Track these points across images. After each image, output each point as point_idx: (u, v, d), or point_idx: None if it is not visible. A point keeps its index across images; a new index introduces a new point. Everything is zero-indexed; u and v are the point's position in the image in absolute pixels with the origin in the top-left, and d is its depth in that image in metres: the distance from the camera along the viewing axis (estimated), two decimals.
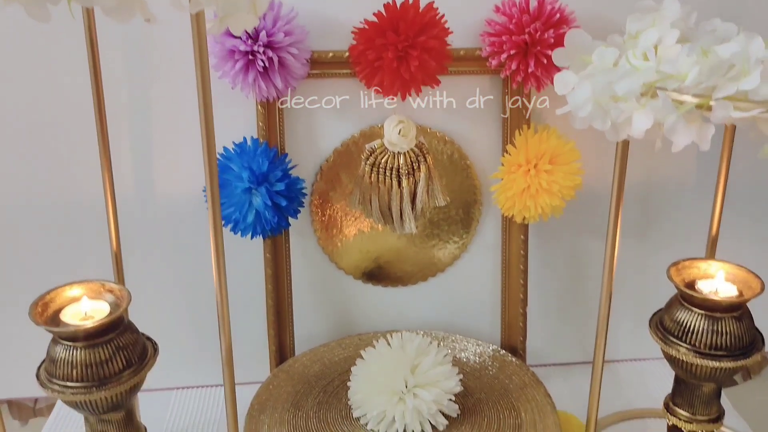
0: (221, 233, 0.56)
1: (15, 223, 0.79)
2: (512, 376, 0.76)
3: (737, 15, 0.77)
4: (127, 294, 0.62)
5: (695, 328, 0.62)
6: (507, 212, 0.78)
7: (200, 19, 0.48)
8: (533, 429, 0.68)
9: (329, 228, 0.82)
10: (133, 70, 0.75)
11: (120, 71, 0.74)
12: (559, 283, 0.87)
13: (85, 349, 0.58)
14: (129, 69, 0.75)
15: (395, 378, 0.68)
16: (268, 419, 0.70)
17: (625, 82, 0.50)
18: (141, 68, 0.75)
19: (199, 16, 0.48)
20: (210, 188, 0.55)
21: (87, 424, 0.63)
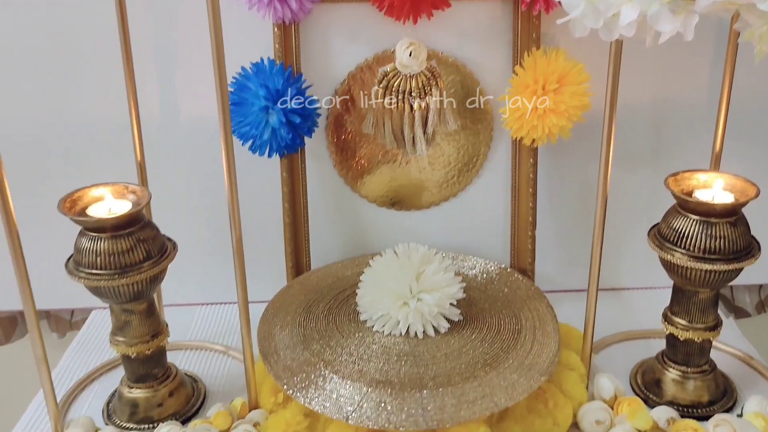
0: (232, 153, 0.60)
1: (45, 139, 0.84)
2: (516, 290, 0.79)
3: None
4: (148, 193, 0.67)
5: (690, 234, 0.64)
6: (516, 134, 0.80)
7: None
8: (532, 334, 0.71)
9: (343, 151, 0.86)
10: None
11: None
12: (569, 208, 0.89)
13: (109, 240, 0.63)
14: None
15: (401, 284, 0.71)
16: (281, 321, 0.74)
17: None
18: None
19: None
20: (221, 112, 0.58)
21: (112, 315, 0.68)
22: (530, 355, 0.68)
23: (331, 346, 0.70)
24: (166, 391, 0.71)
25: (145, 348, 0.68)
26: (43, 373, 0.64)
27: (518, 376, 0.65)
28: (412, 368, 0.66)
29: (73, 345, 0.86)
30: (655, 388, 0.72)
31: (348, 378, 0.65)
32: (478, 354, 0.68)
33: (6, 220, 0.59)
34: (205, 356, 0.83)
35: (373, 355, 0.68)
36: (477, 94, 0.84)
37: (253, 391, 0.69)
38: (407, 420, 0.60)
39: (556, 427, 0.65)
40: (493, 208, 0.88)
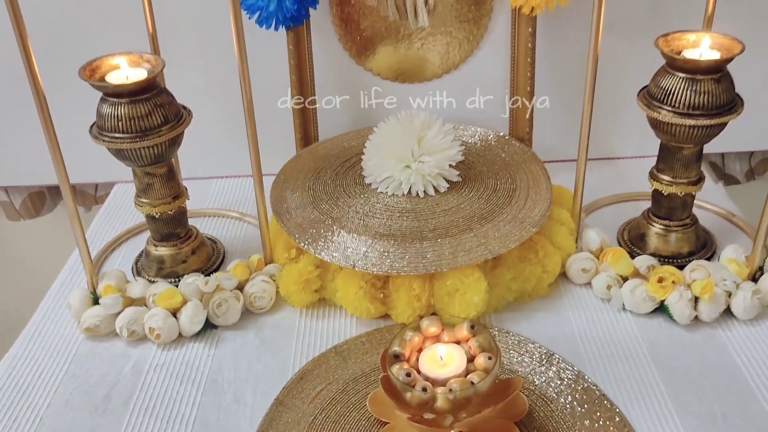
0: (242, 36, 0.63)
1: (61, 9, 0.87)
2: (513, 154, 0.83)
3: None
4: (162, 61, 0.70)
5: (676, 91, 0.67)
6: (515, 2, 0.82)
7: None
8: (526, 192, 0.76)
9: (348, 23, 0.88)
10: None
11: None
12: (568, 78, 0.92)
13: (128, 105, 0.67)
14: None
15: (403, 147, 0.75)
16: (291, 185, 0.79)
17: None
18: None
19: None
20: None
21: (135, 179, 0.74)
22: (523, 210, 0.73)
23: (339, 205, 0.75)
24: (188, 249, 0.77)
25: (168, 208, 0.74)
26: (77, 229, 0.70)
27: (511, 227, 0.70)
28: (413, 222, 0.71)
29: (100, 213, 0.92)
30: (640, 242, 0.77)
31: (354, 232, 0.71)
32: (475, 209, 0.73)
33: (37, 97, 0.63)
34: (223, 222, 0.89)
35: (378, 212, 0.73)
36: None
37: (268, 247, 0.76)
38: (408, 266, 0.66)
39: (545, 274, 0.71)
40: (493, 79, 0.91)
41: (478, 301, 0.66)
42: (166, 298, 0.69)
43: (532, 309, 0.71)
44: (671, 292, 0.67)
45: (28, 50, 0.61)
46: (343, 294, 0.69)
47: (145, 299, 0.71)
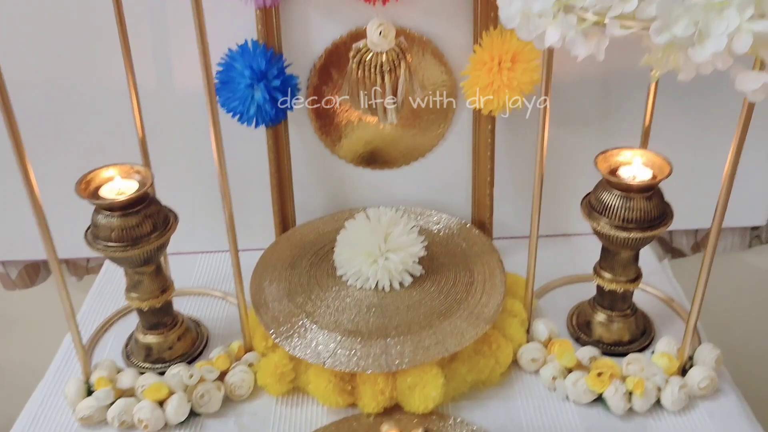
0: (219, 130, 0.70)
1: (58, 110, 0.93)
2: (473, 245, 0.91)
3: None
4: (151, 174, 0.78)
5: (613, 206, 0.75)
6: (474, 105, 0.90)
7: None
8: (482, 286, 0.84)
9: (323, 118, 0.95)
10: None
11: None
12: (526, 165, 1.00)
13: (120, 217, 0.74)
14: None
15: (371, 243, 0.83)
16: (269, 275, 0.87)
17: (539, 3, 0.60)
18: None
19: None
20: (207, 87, 0.68)
21: (126, 276, 0.81)
22: (479, 306, 0.80)
23: (312, 299, 0.83)
24: (174, 336, 0.84)
25: (155, 302, 0.81)
26: (72, 328, 0.77)
27: (467, 324, 0.78)
28: (378, 319, 0.79)
29: (93, 290, 0.99)
30: (586, 329, 0.85)
31: (325, 328, 0.78)
32: (435, 305, 0.81)
33: (29, 190, 0.68)
34: (207, 301, 0.96)
35: (347, 307, 0.81)
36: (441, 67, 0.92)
37: (248, 336, 0.83)
38: (373, 364, 0.74)
39: (497, 365, 0.79)
40: (457, 167, 0.99)
41: (436, 395, 0.74)
42: (154, 391, 0.76)
43: (485, 397, 0.79)
44: (608, 386, 0.75)
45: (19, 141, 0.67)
46: (315, 387, 0.76)
47: (134, 390, 0.78)
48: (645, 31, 0.57)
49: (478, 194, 0.98)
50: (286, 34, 0.90)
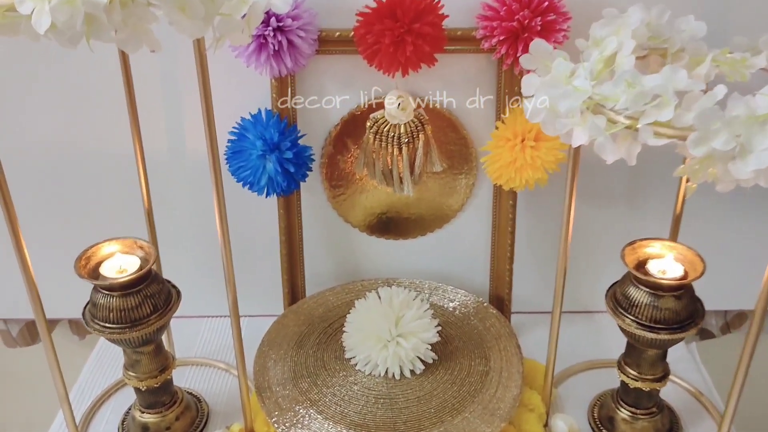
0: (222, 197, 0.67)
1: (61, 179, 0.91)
2: (491, 327, 0.86)
3: (716, 10, 0.80)
4: (155, 251, 0.74)
5: (640, 303, 0.70)
6: (496, 181, 0.86)
7: (200, 43, 0.56)
8: (498, 376, 0.79)
9: (337, 187, 0.92)
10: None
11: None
12: (547, 240, 0.95)
13: (120, 297, 0.71)
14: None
15: (381, 327, 0.79)
16: (275, 354, 0.83)
17: (567, 102, 0.56)
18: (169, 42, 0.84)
19: (199, 40, 0.56)
20: (211, 159, 0.64)
21: (125, 354, 0.77)
22: (494, 399, 0.76)
23: (318, 384, 0.78)
24: (173, 415, 0.81)
25: (154, 382, 0.78)
26: (66, 410, 0.73)
27: (481, 421, 0.73)
28: (387, 412, 0.75)
29: (92, 357, 0.95)
30: (609, 424, 0.80)
31: (331, 419, 0.74)
32: (448, 398, 0.76)
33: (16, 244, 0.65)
34: (209, 373, 0.92)
35: (354, 396, 0.77)
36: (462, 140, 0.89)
37: (249, 419, 0.79)
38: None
39: None
40: (475, 241, 0.95)
41: None
42: None
43: None
44: None
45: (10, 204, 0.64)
46: None
47: None
48: (681, 140, 0.52)
49: (497, 269, 0.94)
50: None
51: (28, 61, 0.84)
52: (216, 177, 0.66)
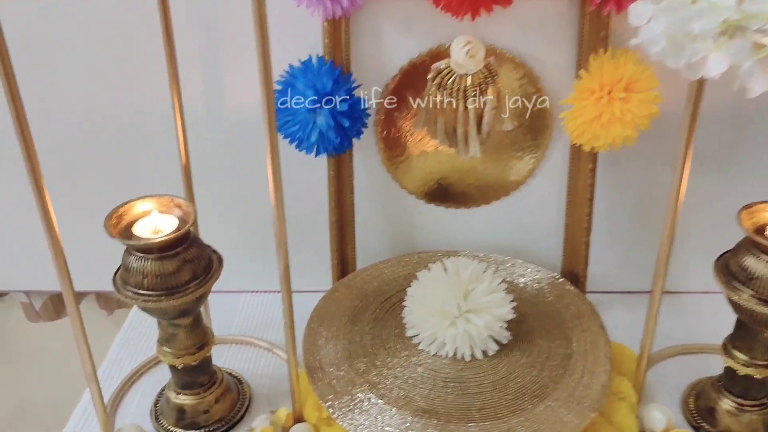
0: (278, 157, 0.57)
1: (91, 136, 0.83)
2: (569, 305, 0.76)
3: None
4: (194, 210, 0.65)
5: (761, 275, 0.60)
6: (576, 140, 0.75)
7: None
8: (583, 359, 0.69)
9: (393, 147, 0.82)
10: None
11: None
12: (627, 212, 0.85)
13: (155, 261, 0.62)
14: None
15: (448, 302, 0.69)
16: (326, 331, 0.73)
17: (702, 21, 0.46)
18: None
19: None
20: (266, 109, 0.55)
21: (159, 327, 0.69)
22: (580, 386, 0.66)
23: (377, 365, 0.69)
24: (212, 398, 0.72)
25: (191, 359, 0.69)
26: (94, 389, 0.65)
27: (567, 411, 0.63)
28: (458, 397, 0.65)
29: (122, 332, 0.87)
30: (709, 417, 0.70)
31: (394, 405, 0.64)
32: (527, 383, 0.66)
33: (42, 209, 0.57)
34: (250, 352, 0.83)
35: (419, 379, 0.67)
36: (536, 94, 0.79)
37: (298, 403, 0.70)
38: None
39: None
40: (546, 210, 0.85)
41: None
42: None
43: None
44: None
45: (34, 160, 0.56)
46: None
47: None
48: None
49: (572, 242, 0.83)
50: (356, 51, 0.77)
51: (58, 12, 0.76)
52: (271, 133, 0.57)
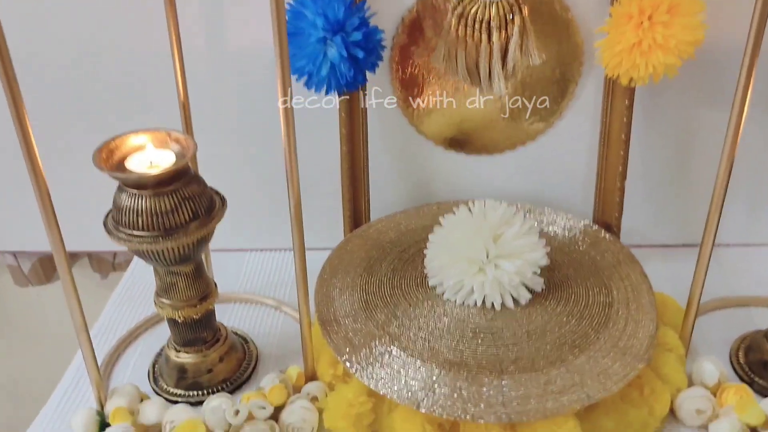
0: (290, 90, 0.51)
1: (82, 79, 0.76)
2: (604, 252, 0.70)
3: None
4: (193, 143, 0.58)
5: None
6: (612, 72, 0.69)
7: None
8: (625, 308, 0.62)
9: (410, 87, 0.76)
10: None
11: None
12: (664, 156, 0.78)
13: (151, 198, 0.55)
14: None
15: (475, 247, 0.63)
16: (340, 282, 0.67)
17: None
18: None
19: None
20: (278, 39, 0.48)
21: (156, 276, 0.62)
22: (624, 336, 0.59)
23: (398, 316, 0.62)
24: (216, 356, 0.65)
25: (193, 312, 0.62)
26: (84, 341, 0.58)
27: (612, 361, 0.57)
28: (489, 348, 0.58)
29: (117, 292, 0.80)
30: (762, 371, 0.63)
31: (418, 357, 0.58)
32: (565, 332, 0.60)
33: (29, 158, 0.51)
34: (255, 311, 0.77)
35: (445, 330, 0.61)
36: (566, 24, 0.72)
37: (310, 360, 0.63)
38: (486, 411, 0.53)
39: (652, 418, 0.58)
40: (576, 154, 0.78)
41: None
42: (187, 430, 0.57)
43: None
44: None
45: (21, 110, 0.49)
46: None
47: (161, 427, 0.59)
48: None
49: (605, 189, 0.77)
50: None
51: None
52: (283, 67, 0.50)
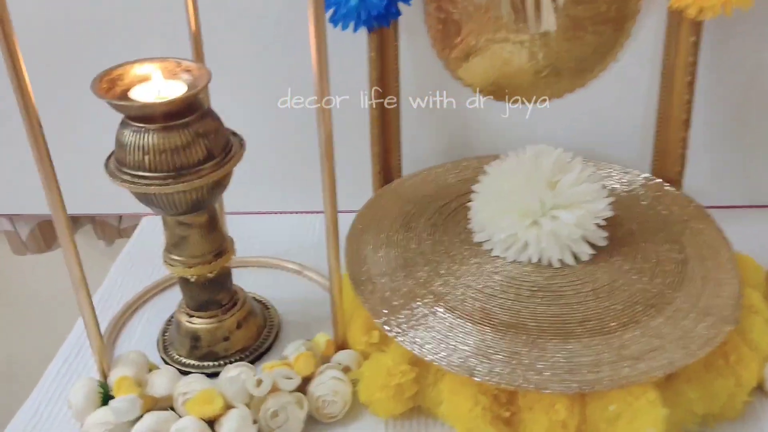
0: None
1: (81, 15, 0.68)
2: (671, 206, 0.62)
3: None
4: (207, 72, 0.51)
5: None
6: (678, 2, 0.61)
7: None
8: (701, 266, 0.54)
9: (446, 25, 0.68)
10: None
11: None
12: (734, 104, 0.70)
13: (159, 133, 0.48)
14: None
15: (529, 196, 0.55)
16: (373, 239, 0.59)
17: None
18: None
19: None
20: None
21: (166, 228, 0.54)
22: (704, 296, 0.51)
23: (441, 274, 0.55)
24: (233, 321, 0.58)
25: (207, 270, 0.55)
26: (83, 300, 0.51)
27: (693, 323, 0.49)
28: (550, 308, 0.51)
29: (122, 256, 0.73)
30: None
31: (467, 318, 0.50)
32: (637, 291, 0.52)
33: (25, 108, 0.44)
34: (277, 276, 0.69)
35: (498, 288, 0.53)
36: None
37: (341, 326, 0.56)
38: (552, 379, 0.45)
39: (739, 388, 0.50)
40: (632, 102, 0.70)
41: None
42: (202, 404, 0.49)
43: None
44: None
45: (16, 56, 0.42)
46: (452, 409, 0.48)
47: (172, 399, 0.51)
48: None
49: (667, 139, 0.68)
50: None
51: None
52: None
